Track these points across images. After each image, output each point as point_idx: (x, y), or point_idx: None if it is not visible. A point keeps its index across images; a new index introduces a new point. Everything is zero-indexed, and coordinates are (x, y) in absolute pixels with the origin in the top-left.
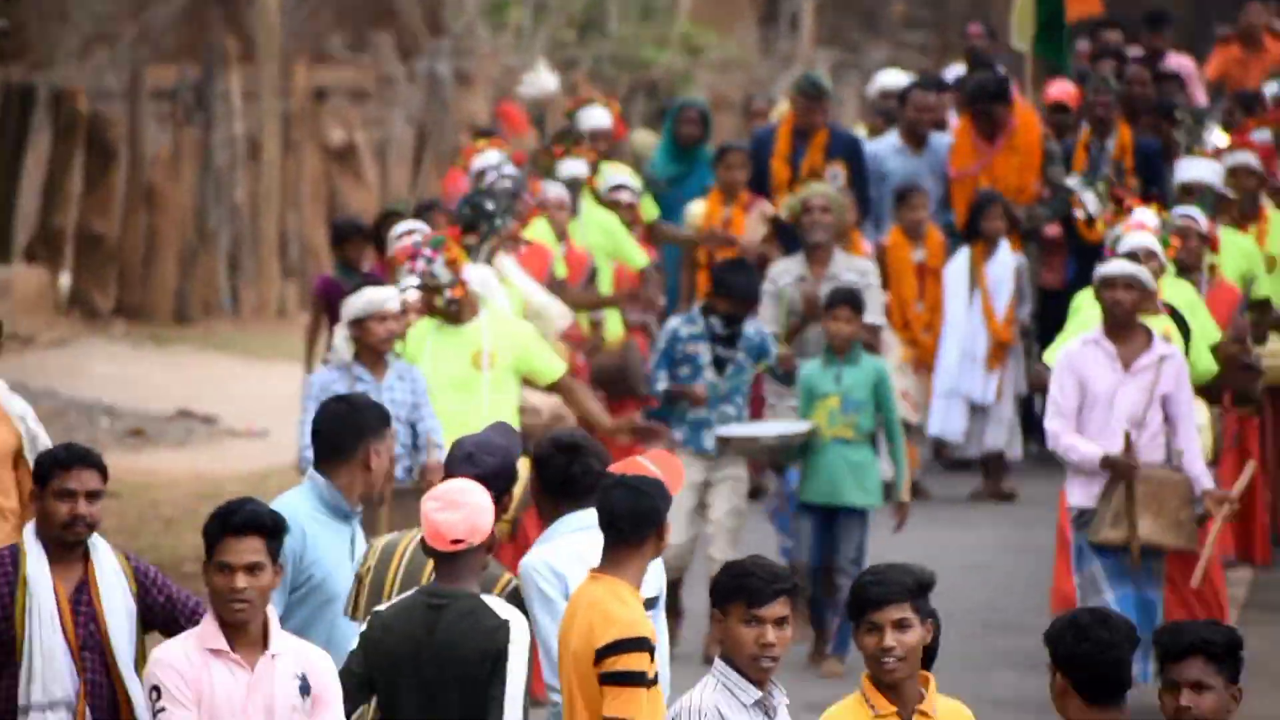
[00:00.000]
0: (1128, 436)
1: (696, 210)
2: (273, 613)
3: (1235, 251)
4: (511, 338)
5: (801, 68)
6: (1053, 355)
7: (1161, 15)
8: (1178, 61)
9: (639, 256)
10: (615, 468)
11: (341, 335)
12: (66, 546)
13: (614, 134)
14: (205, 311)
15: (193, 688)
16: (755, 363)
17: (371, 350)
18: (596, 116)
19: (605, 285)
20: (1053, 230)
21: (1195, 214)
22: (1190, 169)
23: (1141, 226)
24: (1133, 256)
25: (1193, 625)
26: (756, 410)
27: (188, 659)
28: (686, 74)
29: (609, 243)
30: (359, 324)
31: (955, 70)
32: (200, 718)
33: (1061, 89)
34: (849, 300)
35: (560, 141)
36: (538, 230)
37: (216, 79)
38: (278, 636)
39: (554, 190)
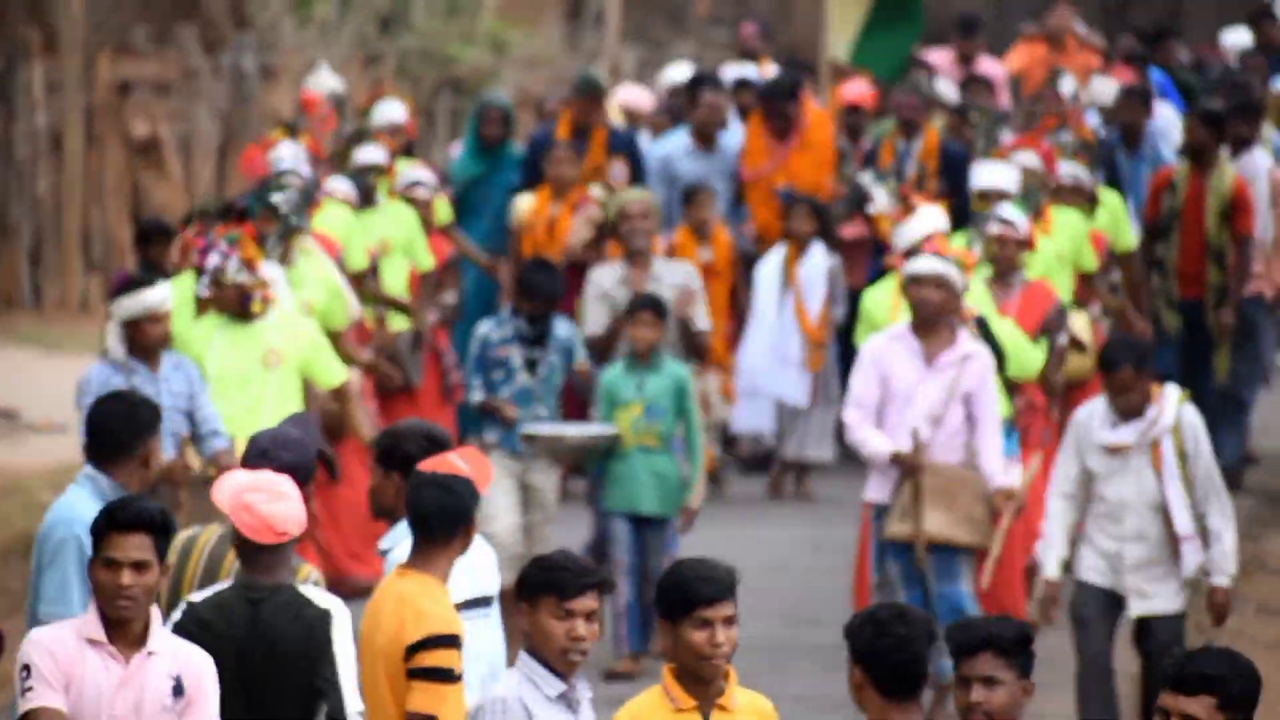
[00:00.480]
0: (915, 434)
1: (524, 205)
2: (155, 611)
3: (1066, 228)
4: (299, 338)
5: (607, 63)
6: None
7: (973, 20)
8: (988, 67)
9: (426, 258)
10: (425, 465)
11: (114, 333)
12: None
13: (409, 130)
14: (6, 305)
15: (64, 672)
16: (566, 363)
17: (143, 348)
18: (393, 111)
19: (399, 280)
20: (852, 231)
21: (1014, 217)
22: (985, 174)
23: (932, 246)
24: (915, 282)
25: (984, 621)
26: (572, 411)
27: (63, 644)
28: (493, 70)
29: (404, 238)
30: (134, 325)
31: (733, 69)
32: (67, 705)
33: (857, 90)
34: (652, 306)
35: (356, 138)
36: (328, 220)
37: (18, 71)
38: (157, 635)
39: (342, 185)
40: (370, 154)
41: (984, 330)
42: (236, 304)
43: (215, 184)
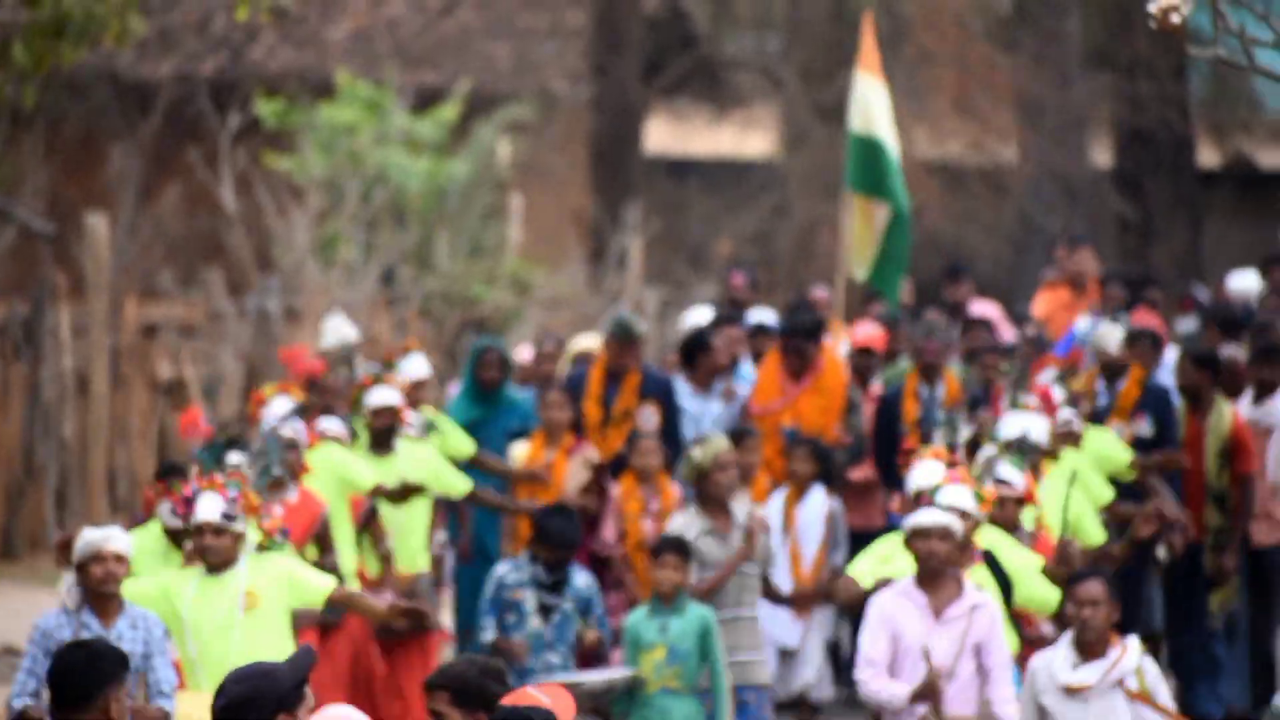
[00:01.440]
0: (926, 652)
1: (518, 452)
2: None
3: (1097, 449)
4: (272, 574)
5: (630, 304)
6: (855, 568)
7: (958, 268)
8: (981, 308)
9: (461, 484)
10: (507, 699)
11: (69, 579)
12: None
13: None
14: (31, 546)
15: None
16: (582, 616)
17: (96, 594)
18: (417, 365)
19: (421, 519)
20: (860, 474)
21: (1009, 475)
22: (1015, 423)
23: (954, 480)
24: (921, 534)
25: None
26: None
27: None
28: (516, 310)
29: (430, 475)
30: (81, 567)
31: (756, 313)
32: None
33: (867, 333)
34: (677, 548)
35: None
36: (322, 459)
37: (45, 314)
38: None
39: (334, 425)
40: (382, 396)
41: (991, 563)
42: (227, 553)
43: (240, 425)
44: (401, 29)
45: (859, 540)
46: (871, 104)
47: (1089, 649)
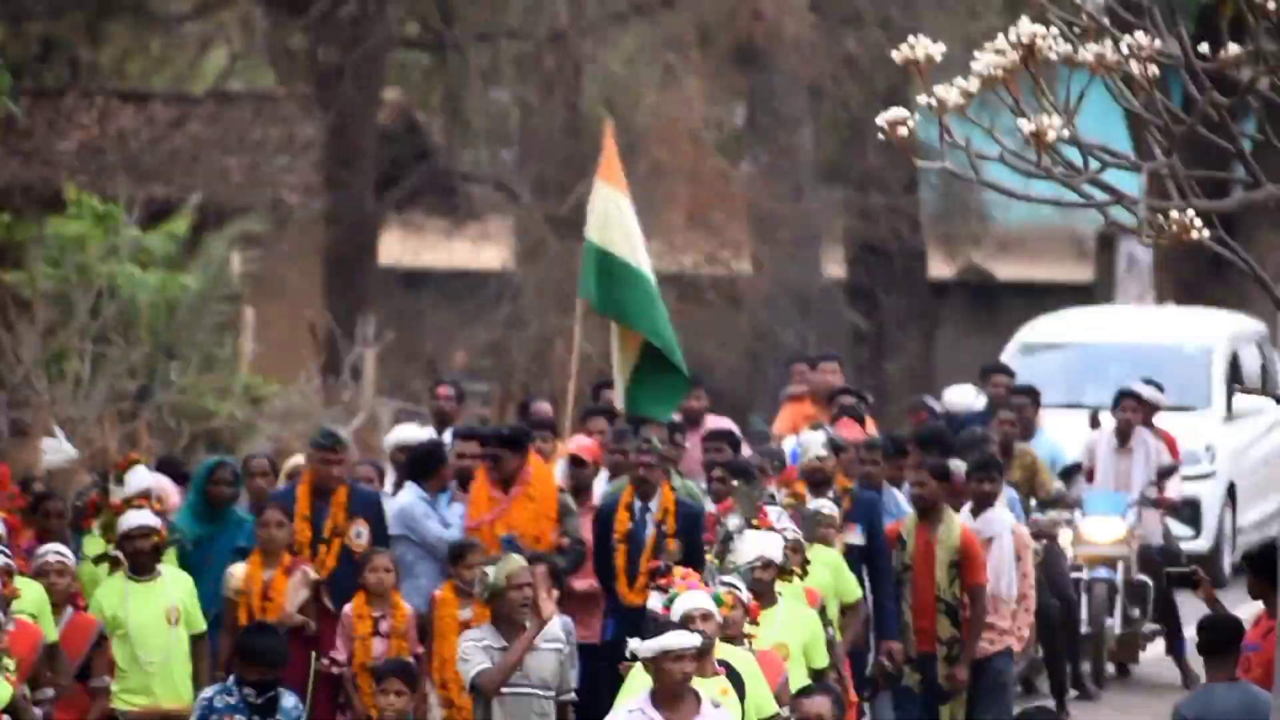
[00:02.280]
0: None
1: (237, 573)
2: None
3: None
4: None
5: (365, 417)
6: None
7: (692, 379)
8: (717, 421)
9: (199, 623)
10: None
11: None
12: None
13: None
14: None
15: None
16: None
17: None
18: (142, 478)
19: None
20: (581, 584)
21: (737, 583)
22: (754, 544)
23: (694, 585)
24: (688, 619)
25: None
26: None
27: None
28: (249, 424)
29: (190, 603)
30: None
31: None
32: None
33: (579, 444)
34: (402, 673)
35: (97, 512)
36: (28, 600)
37: None
38: None
39: (52, 553)
40: (140, 517)
41: (730, 673)
42: None
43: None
44: (131, 142)
45: (580, 654)
46: (610, 215)
47: None
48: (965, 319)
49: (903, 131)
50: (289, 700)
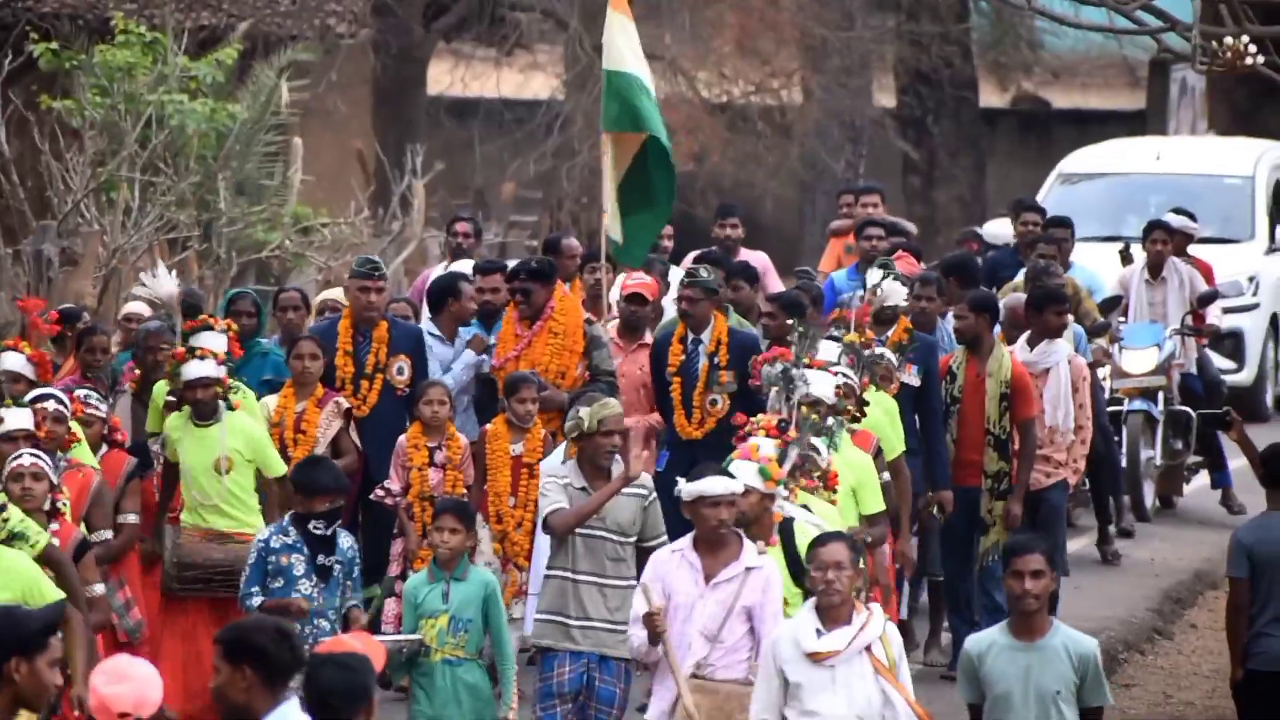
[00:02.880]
0: (645, 588)
1: (270, 404)
2: None
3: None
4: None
5: (414, 248)
6: None
7: (728, 207)
8: (751, 255)
9: (278, 465)
10: (322, 647)
11: None
12: None
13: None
14: None
15: None
16: (347, 578)
17: None
18: (211, 339)
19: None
20: (632, 421)
21: (820, 447)
22: (809, 384)
23: (744, 455)
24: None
25: None
26: None
27: None
28: (299, 254)
29: (250, 451)
30: None
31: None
32: None
33: (639, 280)
34: (458, 511)
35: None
36: (81, 451)
37: None
38: None
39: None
40: (198, 369)
41: (785, 534)
42: None
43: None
44: None
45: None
46: (619, 40)
47: (832, 615)
48: (1016, 147)
49: None
50: (345, 540)
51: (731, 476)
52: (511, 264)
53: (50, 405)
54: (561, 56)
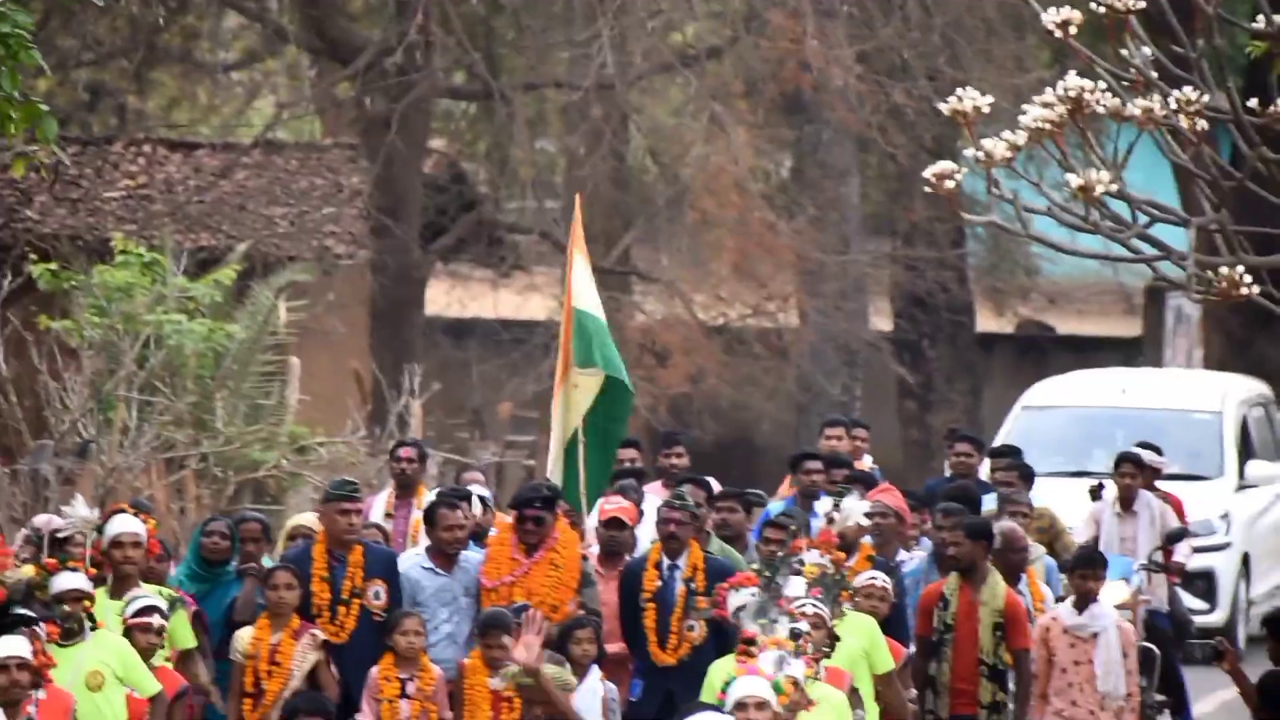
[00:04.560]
0: None
1: (245, 636)
2: None
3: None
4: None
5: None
6: None
7: (672, 436)
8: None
9: (150, 683)
10: None
11: None
12: None
13: (149, 549)
14: None
15: None
16: None
17: None
18: (124, 524)
19: (115, 711)
20: (613, 647)
21: (796, 673)
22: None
23: (753, 671)
24: (739, 706)
25: None
26: None
27: None
28: (295, 474)
29: (119, 667)
30: None
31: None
32: None
33: (617, 505)
34: None
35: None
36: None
37: None
38: None
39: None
40: (67, 580)
41: None
42: None
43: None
44: (178, 190)
45: None
46: (582, 278)
47: None
48: (1013, 372)
49: (950, 184)
50: None
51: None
52: (475, 491)
53: (155, 620)
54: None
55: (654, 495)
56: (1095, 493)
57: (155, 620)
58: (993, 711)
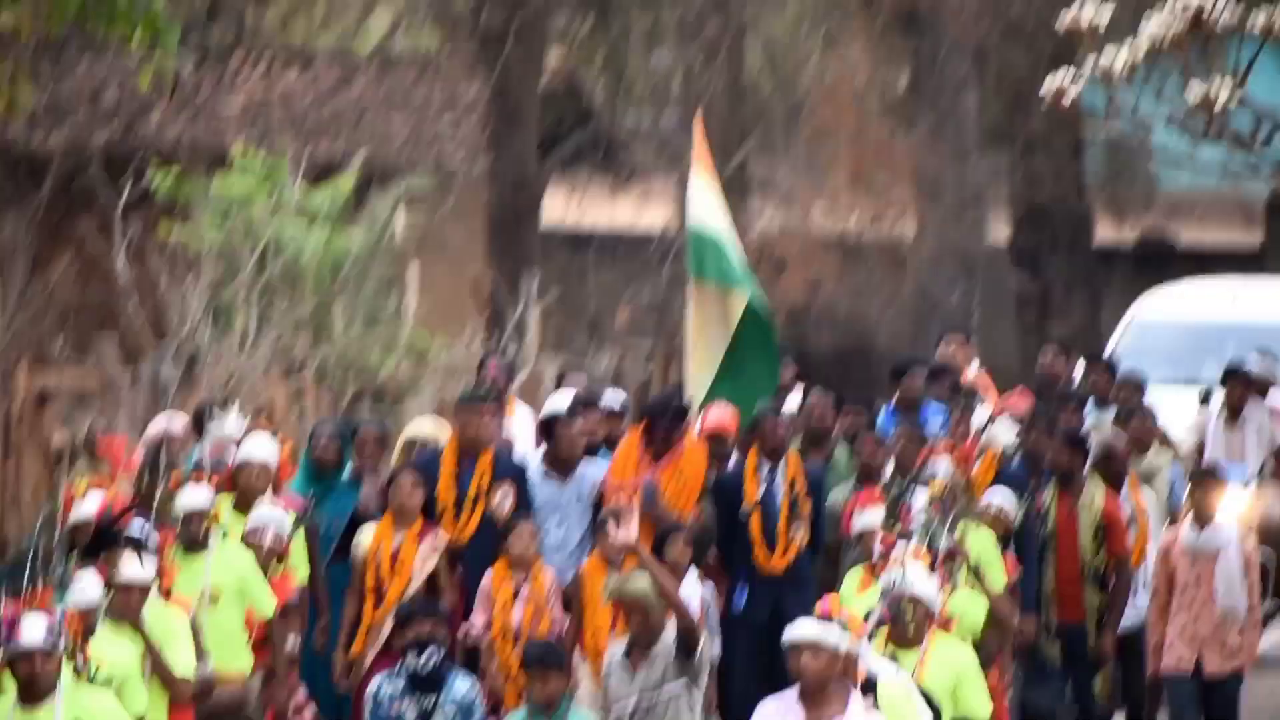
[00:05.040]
0: None
1: (366, 537)
2: None
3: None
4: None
5: (528, 374)
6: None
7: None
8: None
9: (268, 604)
10: None
11: None
12: None
13: (281, 469)
14: None
15: None
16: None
17: None
18: (255, 448)
19: (232, 625)
20: (716, 558)
21: (926, 594)
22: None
23: (823, 608)
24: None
25: None
26: None
27: None
28: (413, 380)
29: (236, 582)
30: None
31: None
32: None
33: (718, 419)
34: (543, 657)
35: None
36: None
37: None
38: None
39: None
40: (191, 499)
41: (871, 691)
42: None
43: (133, 493)
44: (296, 102)
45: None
46: (706, 199)
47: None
48: (1132, 284)
49: (1068, 97)
50: (462, 683)
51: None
52: (609, 394)
53: (270, 536)
54: (675, 187)
55: None
56: (1205, 397)
57: (270, 537)
58: (1100, 615)
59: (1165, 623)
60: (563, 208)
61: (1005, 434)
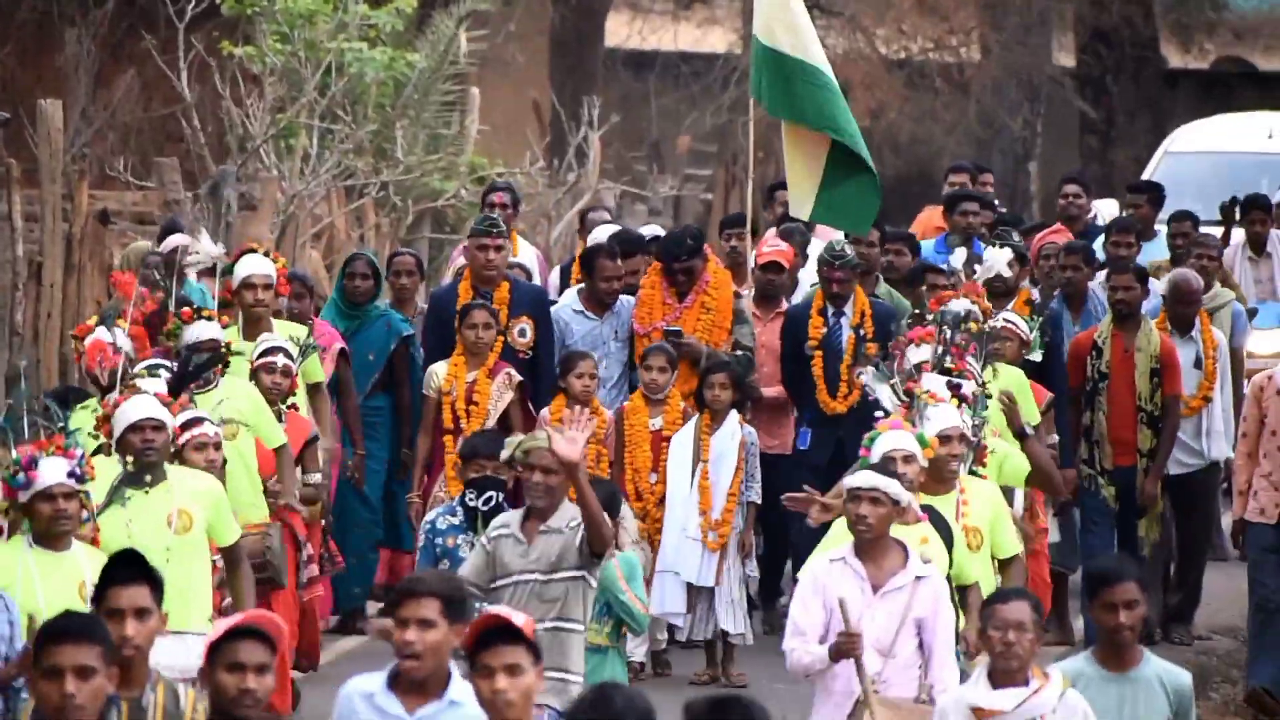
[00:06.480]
0: (842, 604)
1: (440, 372)
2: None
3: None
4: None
5: (589, 199)
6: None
7: (737, 217)
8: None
9: (277, 435)
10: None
11: None
12: None
13: (278, 289)
14: None
15: None
16: None
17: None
18: (253, 264)
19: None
20: (771, 391)
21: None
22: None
23: (895, 425)
24: (887, 460)
25: None
26: None
27: None
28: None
29: (251, 415)
30: None
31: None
32: None
33: (775, 248)
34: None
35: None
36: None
37: None
38: None
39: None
40: (203, 330)
41: (935, 519)
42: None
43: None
44: None
45: (769, 465)
46: (775, 12)
47: (1008, 676)
48: (1198, 109)
49: None
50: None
51: (889, 475)
52: (650, 231)
53: (280, 360)
54: (740, 10)
55: (818, 239)
56: (1227, 213)
57: (280, 361)
58: (1152, 459)
59: (1252, 467)
60: (626, 29)
61: (1000, 261)
